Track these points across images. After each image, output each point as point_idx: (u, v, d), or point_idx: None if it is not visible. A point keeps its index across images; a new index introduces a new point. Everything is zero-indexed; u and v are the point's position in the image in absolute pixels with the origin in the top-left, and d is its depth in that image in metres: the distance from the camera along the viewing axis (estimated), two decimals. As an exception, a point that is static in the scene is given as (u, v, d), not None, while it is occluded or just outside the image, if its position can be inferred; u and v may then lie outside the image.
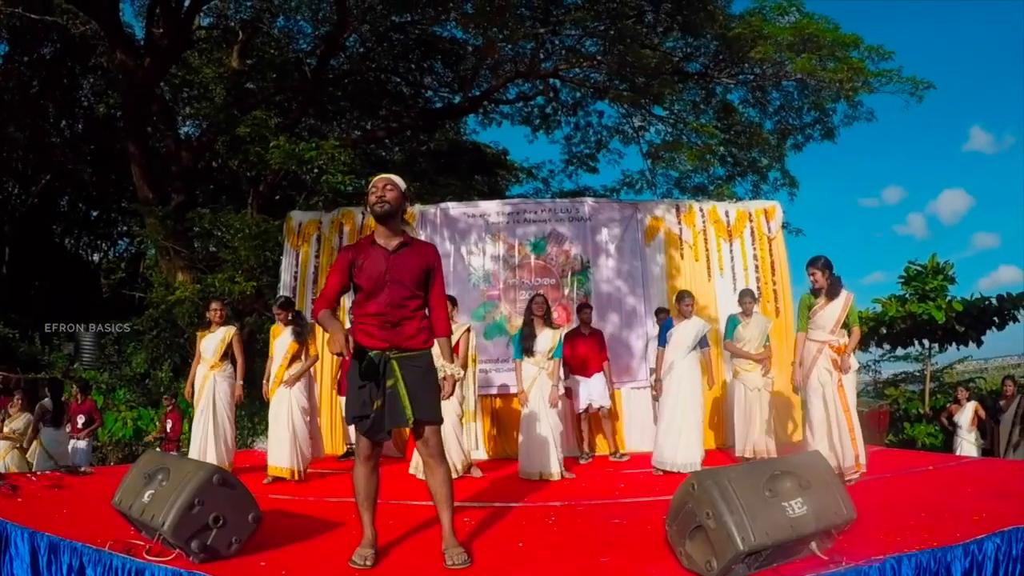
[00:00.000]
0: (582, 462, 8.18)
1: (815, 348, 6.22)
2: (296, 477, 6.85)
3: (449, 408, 7.07)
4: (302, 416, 7.03)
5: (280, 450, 6.90)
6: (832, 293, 6.21)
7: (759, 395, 7.40)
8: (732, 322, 7.63)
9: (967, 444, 10.12)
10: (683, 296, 7.48)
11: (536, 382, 6.97)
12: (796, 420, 9.07)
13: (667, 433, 7.01)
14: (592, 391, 8.23)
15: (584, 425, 8.46)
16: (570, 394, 8.24)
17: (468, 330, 7.29)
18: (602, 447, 8.74)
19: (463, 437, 7.14)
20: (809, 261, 6.41)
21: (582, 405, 8.27)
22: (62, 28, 15.01)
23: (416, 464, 6.96)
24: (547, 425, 6.88)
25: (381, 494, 4.08)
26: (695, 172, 15.91)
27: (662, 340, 7.47)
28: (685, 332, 7.21)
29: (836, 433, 6.03)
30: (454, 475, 6.84)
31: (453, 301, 7.31)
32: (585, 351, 8.30)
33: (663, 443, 7.03)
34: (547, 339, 6.97)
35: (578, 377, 8.30)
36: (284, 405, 6.98)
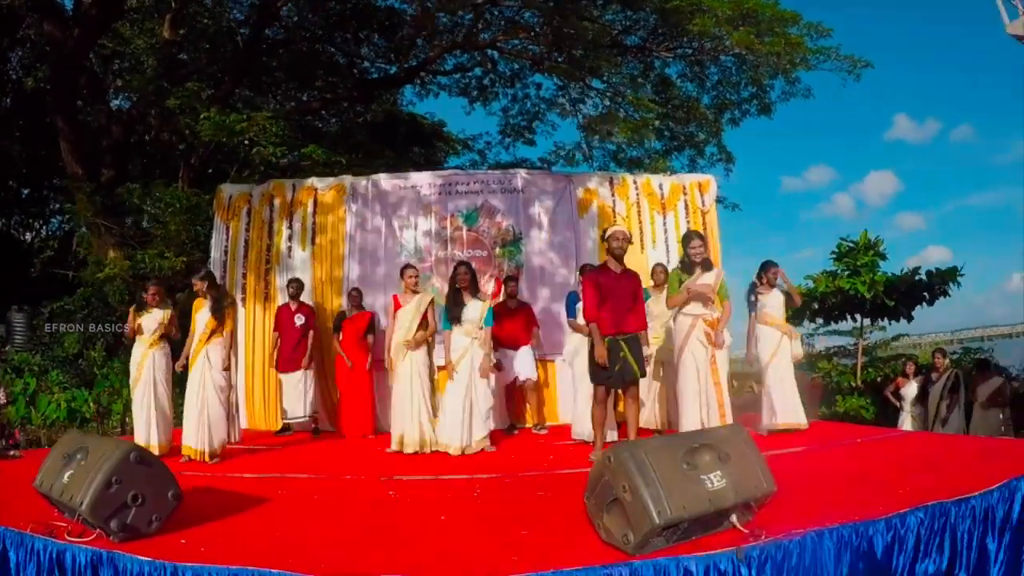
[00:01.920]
0: (511, 434, 8.29)
1: (688, 322, 6.35)
2: (204, 458, 6.63)
3: (426, 384, 7.16)
4: (216, 395, 6.84)
5: (189, 429, 6.75)
6: (706, 267, 6.38)
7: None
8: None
9: (910, 419, 10.31)
10: (582, 269, 7.69)
11: (468, 352, 6.91)
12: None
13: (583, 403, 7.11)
14: (518, 364, 8.30)
15: (517, 398, 8.60)
16: (500, 367, 8.26)
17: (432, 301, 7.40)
18: (530, 420, 8.86)
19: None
20: (691, 233, 6.66)
21: (510, 378, 8.34)
22: (-12, -1, 14.50)
23: (399, 440, 7.02)
24: (472, 397, 6.85)
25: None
26: (631, 146, 15.97)
27: (571, 312, 7.55)
28: None
29: (705, 407, 6.20)
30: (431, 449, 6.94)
31: (415, 271, 7.49)
32: (512, 325, 8.37)
33: (581, 414, 7.15)
34: (475, 309, 6.92)
35: (507, 350, 8.35)
36: (197, 383, 6.83)
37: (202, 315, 6.96)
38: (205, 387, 6.80)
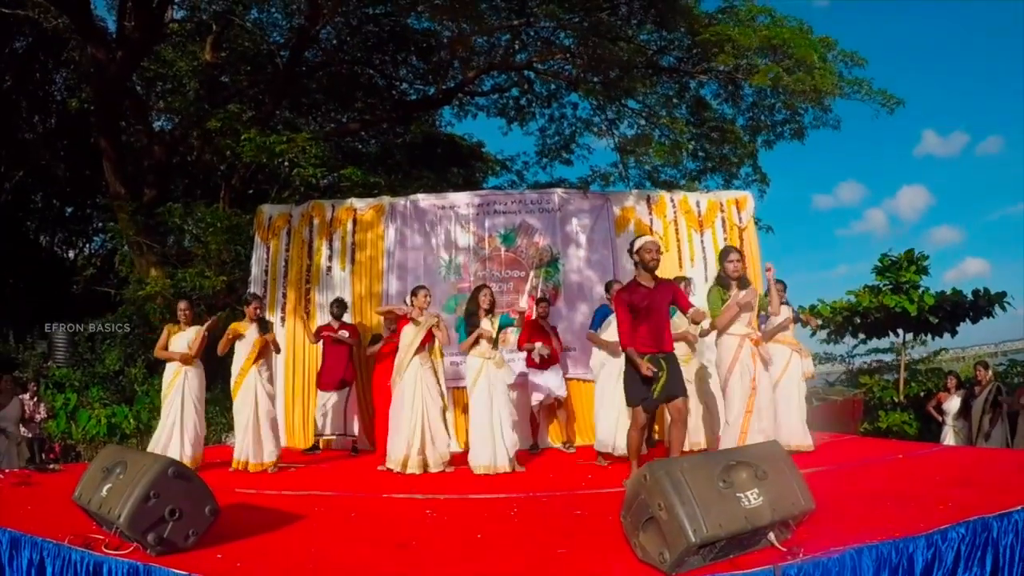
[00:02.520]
0: (534, 453, 8.31)
1: (735, 342, 6.06)
2: (261, 469, 7.05)
3: (433, 402, 7.11)
4: (270, 409, 7.30)
5: (245, 442, 7.10)
6: (742, 284, 6.11)
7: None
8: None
9: (952, 433, 10.13)
10: (608, 285, 7.64)
11: (482, 373, 6.89)
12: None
13: (609, 414, 7.07)
14: (549, 383, 8.28)
15: (539, 418, 8.61)
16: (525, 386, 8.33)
17: (438, 321, 7.30)
18: (557, 439, 8.84)
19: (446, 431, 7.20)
20: (728, 248, 6.39)
21: (538, 398, 8.34)
22: (34, 22, 14.80)
23: (395, 459, 6.98)
24: (494, 417, 6.81)
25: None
26: (665, 166, 15.91)
27: (595, 325, 7.53)
28: None
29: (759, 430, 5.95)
30: (442, 469, 6.90)
31: (427, 292, 7.39)
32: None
33: (603, 426, 7.15)
34: (488, 326, 6.91)
35: (535, 369, 8.34)
36: (252, 398, 7.20)
37: (250, 334, 7.30)
38: (259, 403, 7.17)
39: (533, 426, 8.68)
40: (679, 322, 7.22)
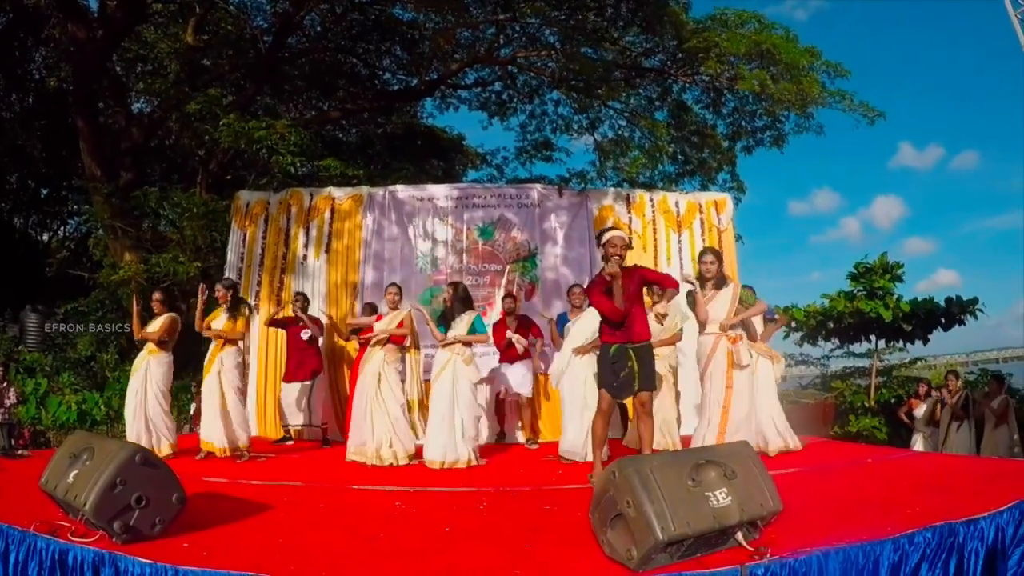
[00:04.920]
0: (499, 443, 8.46)
1: (711, 341, 6.13)
2: (226, 454, 7.05)
3: (393, 397, 7.08)
4: (235, 396, 7.23)
5: (210, 427, 7.08)
6: (718, 284, 6.16)
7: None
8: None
9: (922, 439, 10.28)
10: (571, 288, 7.66)
11: (447, 367, 6.87)
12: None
13: (576, 423, 7.04)
14: (511, 379, 8.30)
15: (506, 410, 8.66)
16: (491, 379, 8.40)
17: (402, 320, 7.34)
18: (521, 435, 8.84)
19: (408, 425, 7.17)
20: (705, 250, 6.57)
21: (496, 388, 8.46)
22: (14, -2, 14.67)
23: (353, 448, 7.01)
24: (454, 411, 6.77)
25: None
26: (645, 168, 15.88)
27: (560, 329, 7.57)
28: (582, 325, 7.27)
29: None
30: (403, 462, 6.86)
31: (394, 290, 7.42)
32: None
33: (569, 433, 7.11)
34: (462, 323, 6.93)
35: (502, 363, 8.37)
36: (215, 384, 7.19)
37: (218, 322, 7.28)
38: (225, 389, 7.13)
39: (500, 415, 8.71)
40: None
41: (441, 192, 10.17)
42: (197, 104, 11.65)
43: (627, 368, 5.46)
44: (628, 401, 6.84)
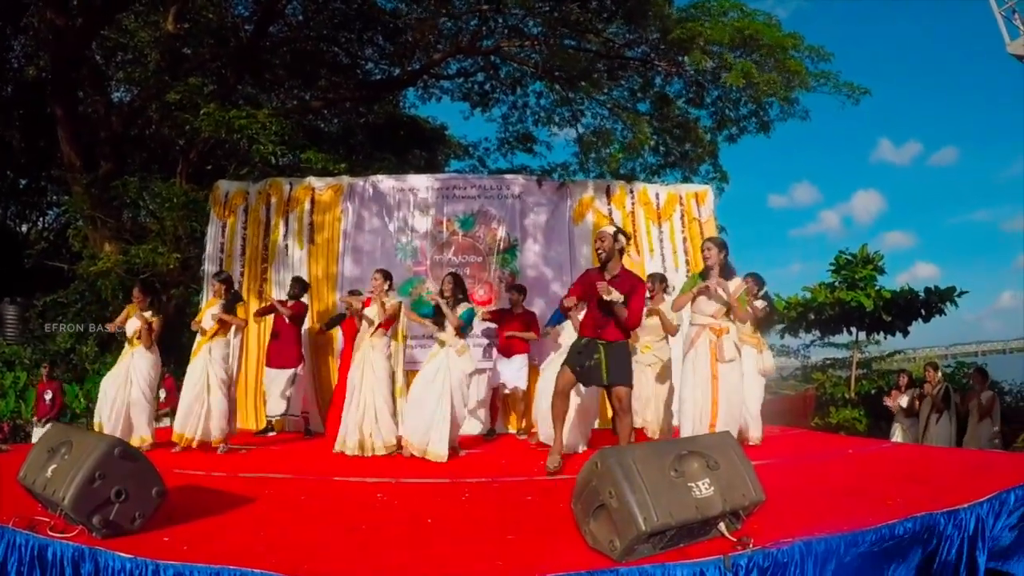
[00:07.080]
0: (490, 439, 8.40)
1: (694, 332, 6.11)
2: (193, 445, 7.05)
3: (378, 387, 7.06)
4: (219, 387, 7.18)
5: (183, 416, 7.07)
6: (723, 275, 6.05)
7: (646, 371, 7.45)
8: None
9: (901, 431, 10.38)
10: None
11: (439, 354, 6.83)
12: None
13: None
14: (507, 372, 8.33)
15: (498, 403, 8.69)
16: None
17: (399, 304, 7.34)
18: (513, 426, 8.90)
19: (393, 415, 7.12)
20: (708, 239, 6.40)
21: (493, 382, 8.50)
22: (-10, -14, 14.48)
23: (341, 441, 6.97)
24: (439, 402, 6.69)
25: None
26: (627, 159, 15.85)
27: (552, 320, 7.62)
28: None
29: (699, 421, 5.94)
30: (383, 452, 6.85)
31: (387, 275, 7.36)
32: (508, 330, 8.43)
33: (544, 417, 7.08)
34: (456, 313, 6.89)
35: (501, 357, 8.40)
36: (199, 375, 7.18)
37: (212, 312, 7.31)
38: (209, 379, 7.13)
39: (493, 412, 8.74)
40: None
41: (422, 183, 10.13)
42: (177, 93, 11.54)
43: (594, 359, 5.53)
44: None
